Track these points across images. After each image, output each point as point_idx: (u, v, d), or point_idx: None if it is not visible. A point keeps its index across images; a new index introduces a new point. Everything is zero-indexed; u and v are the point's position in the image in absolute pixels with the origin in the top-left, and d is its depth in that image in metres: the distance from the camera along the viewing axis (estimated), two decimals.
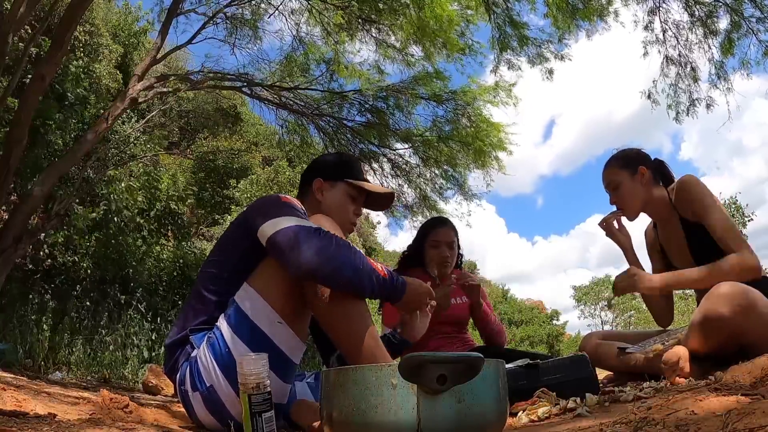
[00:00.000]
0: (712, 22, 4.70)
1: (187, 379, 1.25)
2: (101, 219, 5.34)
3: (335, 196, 1.53)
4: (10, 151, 3.56)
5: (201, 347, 1.25)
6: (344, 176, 1.54)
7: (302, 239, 1.15)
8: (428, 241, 2.31)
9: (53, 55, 3.63)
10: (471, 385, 0.79)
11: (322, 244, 1.15)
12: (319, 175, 1.55)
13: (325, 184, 1.54)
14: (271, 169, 8.63)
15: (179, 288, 6.08)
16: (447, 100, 5.68)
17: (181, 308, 1.49)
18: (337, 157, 1.68)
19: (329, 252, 1.14)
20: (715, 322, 1.36)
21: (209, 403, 1.21)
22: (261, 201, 1.35)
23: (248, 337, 1.18)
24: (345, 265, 1.15)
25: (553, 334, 23.56)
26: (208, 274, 1.35)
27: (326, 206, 1.50)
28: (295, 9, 5.53)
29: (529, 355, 1.94)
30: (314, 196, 1.53)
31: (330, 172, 1.56)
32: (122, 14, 8.07)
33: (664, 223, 1.84)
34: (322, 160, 1.65)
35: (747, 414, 0.66)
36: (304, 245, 1.14)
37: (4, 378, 2.12)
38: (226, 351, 1.19)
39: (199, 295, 1.34)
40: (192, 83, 5.35)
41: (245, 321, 1.20)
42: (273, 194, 1.39)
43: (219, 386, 1.19)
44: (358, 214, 1.56)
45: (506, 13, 4.94)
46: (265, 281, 1.23)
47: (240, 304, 1.22)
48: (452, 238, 2.31)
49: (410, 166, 6.41)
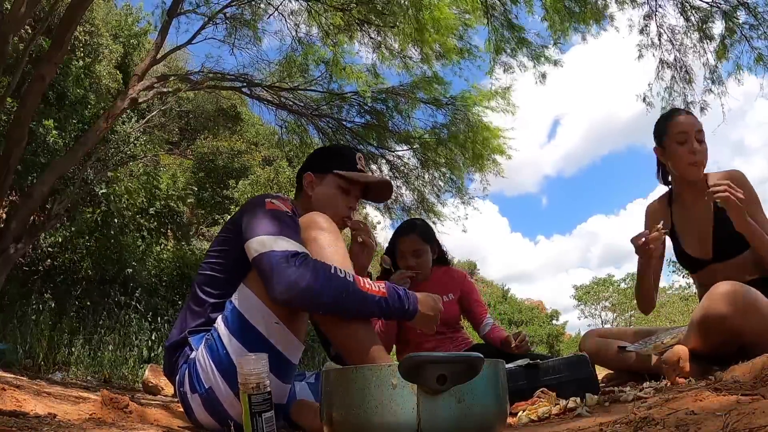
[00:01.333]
0: (707, 27, 4.74)
1: (186, 380, 1.25)
2: (102, 219, 5.34)
3: (325, 189, 1.47)
4: (10, 151, 3.56)
5: (199, 349, 1.24)
6: (333, 167, 1.48)
7: (277, 270, 1.12)
8: (397, 249, 2.27)
9: (53, 55, 3.64)
10: (471, 385, 0.79)
11: (297, 274, 1.11)
12: (308, 169, 1.51)
13: (315, 178, 1.49)
14: (271, 169, 8.63)
15: (179, 288, 6.08)
16: (446, 104, 5.70)
17: (181, 309, 1.47)
18: (326, 149, 1.61)
19: (303, 283, 1.10)
20: (715, 321, 1.36)
21: (208, 404, 1.21)
22: (250, 206, 1.31)
23: (245, 338, 1.18)
24: (323, 294, 1.11)
25: (553, 334, 23.56)
26: (205, 275, 1.35)
27: (316, 201, 1.46)
28: (295, 10, 5.55)
29: (529, 355, 1.94)
30: (305, 192, 1.49)
31: (318, 164, 1.50)
32: (122, 15, 8.07)
33: (692, 203, 1.77)
34: (313, 153, 1.60)
35: (747, 414, 0.66)
36: (279, 276, 1.11)
37: (4, 378, 2.12)
38: (224, 353, 1.18)
39: (196, 296, 1.33)
40: (192, 83, 5.35)
41: (242, 322, 1.19)
42: (260, 197, 1.32)
43: (218, 388, 1.19)
44: (352, 207, 1.50)
45: (504, 16, 4.95)
46: (260, 282, 1.21)
47: (236, 305, 1.21)
48: (416, 246, 2.23)
49: (409, 168, 6.42)
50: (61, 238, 5.13)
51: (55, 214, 4.74)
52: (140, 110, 6.44)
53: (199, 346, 1.25)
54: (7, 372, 2.67)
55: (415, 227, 2.31)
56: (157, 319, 5.27)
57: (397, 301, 1.18)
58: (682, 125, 1.76)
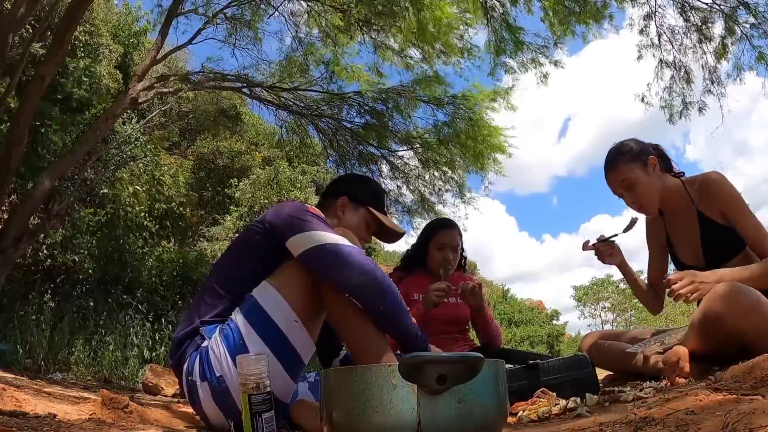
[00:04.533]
0: (706, 27, 4.74)
1: (196, 368, 1.26)
2: (106, 220, 5.35)
3: (355, 218, 1.58)
4: (10, 152, 3.56)
5: (213, 337, 1.26)
6: (368, 203, 1.60)
7: (351, 259, 1.21)
8: (432, 242, 2.30)
9: (53, 55, 3.63)
10: (471, 385, 0.79)
11: (372, 265, 1.22)
12: (346, 194, 1.60)
13: (349, 204, 1.59)
14: (271, 169, 8.62)
15: (179, 288, 6.08)
16: (447, 103, 5.70)
17: (191, 304, 1.52)
18: (367, 184, 1.72)
19: (378, 273, 1.21)
20: (715, 321, 1.36)
21: (217, 393, 1.22)
22: (286, 209, 1.35)
23: (264, 331, 1.22)
24: (386, 293, 1.21)
25: (553, 334, 23.54)
26: (223, 273, 1.38)
27: (343, 225, 1.53)
28: (295, 10, 5.55)
29: (529, 355, 1.94)
30: (335, 211, 1.58)
31: (357, 195, 1.61)
32: (122, 14, 8.07)
33: (677, 214, 1.76)
34: (354, 179, 1.74)
35: (747, 414, 0.66)
36: (354, 263, 1.20)
37: (4, 378, 2.12)
38: (240, 342, 1.21)
39: (212, 290, 1.36)
40: (192, 84, 5.35)
41: (262, 315, 1.23)
42: (297, 202, 1.42)
43: (229, 377, 1.20)
44: (367, 241, 1.62)
45: (503, 17, 4.95)
46: (285, 281, 1.27)
47: (258, 299, 1.26)
48: (457, 241, 2.31)
49: (409, 168, 6.42)
50: (61, 238, 5.13)
51: (55, 214, 4.74)
52: (140, 110, 6.44)
53: (213, 335, 1.27)
54: (7, 372, 2.67)
55: (455, 224, 2.42)
56: (158, 319, 5.27)
57: (421, 342, 1.28)
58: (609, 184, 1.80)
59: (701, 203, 1.69)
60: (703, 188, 1.68)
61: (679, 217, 1.77)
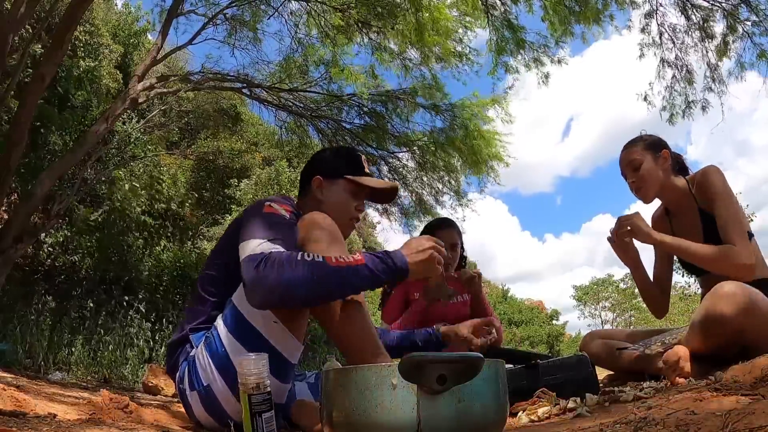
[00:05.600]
0: (708, 26, 4.73)
1: (186, 378, 1.26)
2: (104, 219, 5.34)
3: (336, 193, 1.48)
4: (10, 152, 3.56)
5: (199, 347, 1.26)
6: (344, 172, 1.49)
7: (247, 277, 1.09)
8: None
9: (53, 55, 3.63)
10: (471, 385, 0.79)
11: (260, 276, 1.07)
12: (318, 173, 1.51)
13: (324, 181, 1.49)
14: (271, 169, 8.62)
15: (179, 288, 6.08)
16: (444, 110, 5.73)
17: (183, 309, 1.50)
18: (335, 153, 1.59)
19: (266, 284, 1.06)
20: (716, 321, 1.36)
21: (206, 402, 1.22)
22: (249, 210, 1.31)
23: (244, 337, 1.18)
24: (292, 286, 1.07)
25: (553, 334, 23.56)
26: (207, 276, 1.37)
27: (328, 205, 1.46)
28: (294, 11, 5.55)
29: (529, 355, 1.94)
30: (314, 195, 1.50)
31: (329, 168, 1.51)
32: (122, 14, 8.07)
33: (681, 212, 1.80)
34: (321, 156, 1.59)
35: (747, 414, 0.66)
36: (249, 283, 1.09)
37: (4, 378, 2.12)
38: (222, 351, 1.19)
39: (199, 296, 1.35)
40: (192, 84, 5.35)
41: (241, 321, 1.20)
42: (261, 201, 1.33)
43: (216, 386, 1.19)
44: (360, 209, 1.53)
45: (504, 16, 4.95)
46: None
47: (236, 305, 1.22)
48: (455, 239, 2.32)
49: (407, 170, 6.44)
50: (61, 238, 5.13)
51: (55, 214, 4.74)
52: (140, 110, 6.44)
53: (199, 344, 1.26)
54: (7, 372, 2.67)
55: (453, 223, 2.44)
56: (158, 319, 5.27)
57: (379, 263, 1.12)
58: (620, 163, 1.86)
59: (700, 198, 1.72)
60: (699, 183, 1.72)
61: (684, 216, 1.80)
